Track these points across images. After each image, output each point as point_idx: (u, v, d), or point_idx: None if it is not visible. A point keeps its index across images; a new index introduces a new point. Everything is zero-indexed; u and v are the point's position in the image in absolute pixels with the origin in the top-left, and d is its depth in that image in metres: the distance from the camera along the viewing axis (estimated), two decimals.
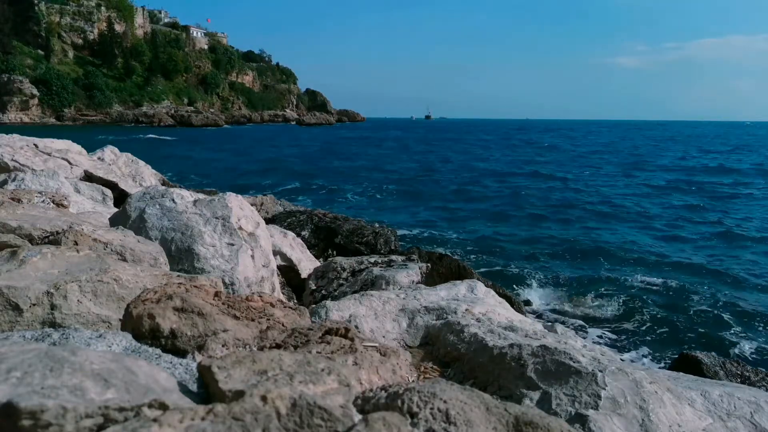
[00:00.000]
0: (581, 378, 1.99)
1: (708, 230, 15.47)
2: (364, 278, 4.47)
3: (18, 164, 5.62)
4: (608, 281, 10.40)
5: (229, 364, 1.08)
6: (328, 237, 7.47)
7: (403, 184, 24.46)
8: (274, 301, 1.80)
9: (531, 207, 18.91)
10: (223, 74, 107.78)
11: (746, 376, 4.56)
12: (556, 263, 11.62)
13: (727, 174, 30.51)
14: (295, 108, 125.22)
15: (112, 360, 1.01)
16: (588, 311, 8.70)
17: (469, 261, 10.86)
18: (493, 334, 2.46)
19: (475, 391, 1.13)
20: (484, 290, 3.36)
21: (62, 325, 1.65)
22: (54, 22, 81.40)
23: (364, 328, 2.65)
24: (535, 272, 10.69)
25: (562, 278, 10.32)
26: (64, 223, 2.60)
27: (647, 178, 28.20)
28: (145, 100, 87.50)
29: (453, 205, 19.16)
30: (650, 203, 20.07)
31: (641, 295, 9.57)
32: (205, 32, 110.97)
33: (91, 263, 1.94)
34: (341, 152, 41.93)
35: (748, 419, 2.07)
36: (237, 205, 3.56)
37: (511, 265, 11.40)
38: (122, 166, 7.81)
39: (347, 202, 19.72)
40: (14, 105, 69.79)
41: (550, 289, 9.66)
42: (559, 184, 25.42)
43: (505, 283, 9.07)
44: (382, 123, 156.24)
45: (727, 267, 11.56)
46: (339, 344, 1.44)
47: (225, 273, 3.13)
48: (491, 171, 30.57)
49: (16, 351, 0.97)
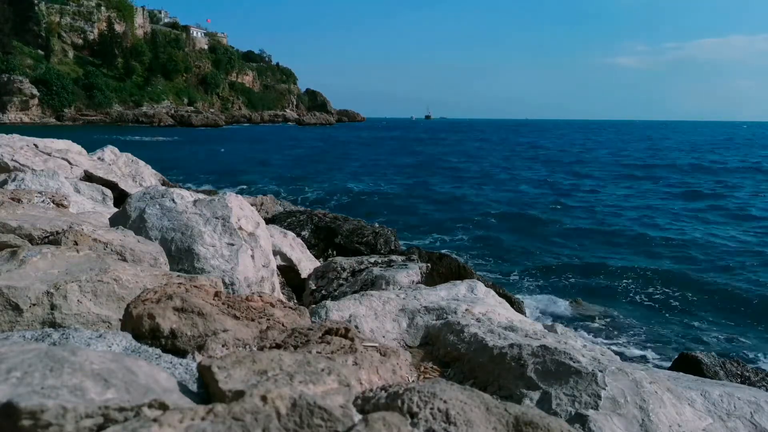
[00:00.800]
0: (581, 378, 1.99)
1: (709, 230, 15.48)
2: (364, 278, 4.47)
3: (18, 164, 5.62)
4: (608, 281, 10.41)
5: (229, 364, 1.08)
6: (328, 237, 7.47)
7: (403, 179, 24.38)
8: (274, 301, 1.80)
9: (531, 208, 18.91)
10: (223, 74, 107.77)
11: (746, 376, 4.56)
12: (556, 263, 11.62)
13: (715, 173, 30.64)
14: (295, 108, 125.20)
15: (112, 360, 1.01)
16: (588, 311, 8.70)
17: (469, 261, 10.86)
18: (493, 334, 2.46)
19: (475, 391, 1.13)
20: (484, 290, 3.36)
21: (62, 325, 1.65)
22: (54, 22, 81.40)
23: (364, 328, 2.65)
24: (536, 272, 10.70)
25: (562, 278, 10.32)
26: (64, 223, 2.60)
27: (643, 180, 28.20)
28: (145, 100, 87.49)
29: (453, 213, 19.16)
30: (652, 203, 20.08)
31: (642, 296, 9.57)
32: (205, 32, 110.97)
33: (91, 263, 1.94)
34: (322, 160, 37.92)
35: (748, 419, 2.07)
36: (237, 205, 3.56)
37: (512, 265, 11.41)
38: (122, 166, 7.81)
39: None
40: (14, 105, 69.78)
41: (551, 289, 9.66)
42: (558, 184, 25.42)
43: (505, 283, 9.08)
44: (382, 123, 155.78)
45: (728, 267, 11.56)
46: (339, 344, 1.44)
47: (225, 273, 3.13)
48: (486, 173, 30.58)
49: (16, 351, 0.97)
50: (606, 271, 11.11)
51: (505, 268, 11.20)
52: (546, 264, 11.47)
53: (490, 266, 11.27)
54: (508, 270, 11.02)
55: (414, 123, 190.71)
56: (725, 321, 8.56)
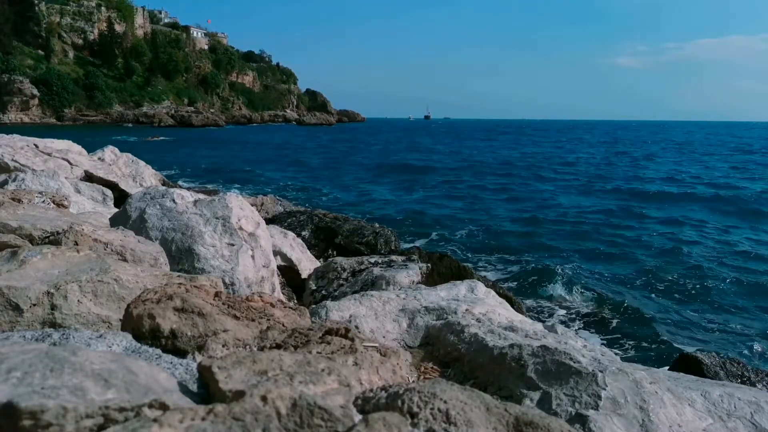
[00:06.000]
0: (581, 378, 1.99)
1: (709, 231, 15.48)
2: (365, 278, 4.47)
3: (18, 164, 5.62)
4: (609, 282, 10.41)
5: (229, 365, 1.08)
6: (328, 237, 7.47)
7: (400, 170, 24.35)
8: (274, 301, 1.80)
9: (531, 208, 18.92)
10: (223, 74, 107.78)
11: (746, 377, 4.55)
12: (556, 264, 11.62)
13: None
14: (295, 108, 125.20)
15: (113, 360, 1.01)
16: (588, 311, 8.70)
17: (469, 261, 10.86)
18: (493, 335, 2.46)
19: (476, 391, 1.13)
20: (485, 290, 3.36)
21: (62, 325, 1.65)
22: (54, 22, 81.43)
23: (365, 328, 2.65)
24: (536, 273, 10.69)
25: (563, 278, 10.31)
26: (64, 224, 2.60)
27: (651, 179, 28.20)
28: (145, 100, 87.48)
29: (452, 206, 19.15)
30: (653, 204, 20.08)
31: (642, 296, 9.57)
32: (205, 32, 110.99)
33: (91, 263, 1.94)
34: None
35: (749, 419, 2.07)
36: (237, 205, 3.57)
37: (512, 265, 11.41)
38: (122, 167, 7.81)
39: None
40: (14, 105, 69.82)
41: (551, 290, 9.66)
42: (559, 185, 25.44)
43: (505, 283, 9.08)
44: (380, 124, 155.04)
45: (728, 268, 11.56)
46: (339, 344, 1.44)
47: (225, 273, 3.13)
48: (491, 169, 30.59)
49: (16, 351, 0.97)
50: (606, 271, 11.11)
51: (505, 268, 11.20)
52: (546, 264, 11.46)
53: (490, 266, 11.27)
54: (509, 270, 11.02)
55: (412, 123, 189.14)
56: (725, 321, 8.56)
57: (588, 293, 9.50)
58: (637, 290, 9.87)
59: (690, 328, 8.31)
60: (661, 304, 9.20)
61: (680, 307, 9.13)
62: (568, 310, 8.76)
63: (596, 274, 10.85)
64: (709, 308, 9.09)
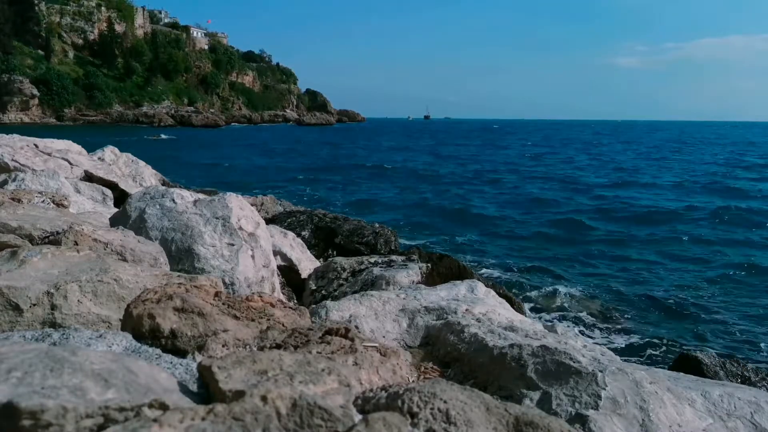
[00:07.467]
0: (581, 378, 1.99)
1: (710, 232, 15.47)
2: (365, 278, 4.46)
3: (18, 164, 5.62)
4: (609, 282, 10.41)
5: (229, 364, 1.08)
6: (328, 237, 7.47)
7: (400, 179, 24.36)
8: (274, 301, 1.80)
9: (531, 208, 18.92)
10: (223, 74, 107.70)
11: (746, 376, 4.55)
12: (556, 263, 11.62)
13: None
14: (295, 108, 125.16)
15: (113, 360, 1.01)
16: (588, 311, 8.70)
17: (469, 262, 10.86)
18: (493, 335, 2.46)
19: (476, 391, 1.13)
20: (485, 290, 3.36)
21: (62, 325, 1.65)
22: (54, 22, 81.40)
23: (365, 328, 2.65)
24: (536, 272, 10.70)
25: (563, 279, 10.31)
26: (64, 223, 2.60)
27: (653, 178, 28.20)
28: (145, 100, 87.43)
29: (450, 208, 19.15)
30: (653, 204, 20.08)
31: (642, 296, 9.57)
32: (205, 32, 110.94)
33: (91, 263, 1.94)
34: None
35: (749, 419, 2.07)
36: (237, 205, 3.56)
37: (512, 265, 11.41)
38: (122, 167, 7.80)
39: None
40: (14, 105, 69.77)
41: (551, 290, 9.66)
42: (557, 184, 25.43)
43: (505, 283, 9.08)
44: (379, 124, 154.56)
45: (728, 268, 11.56)
46: (339, 344, 1.44)
47: (225, 273, 3.13)
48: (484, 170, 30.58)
49: (16, 351, 0.97)
50: (606, 271, 11.11)
51: (506, 268, 11.20)
52: (546, 264, 11.47)
53: (490, 266, 11.27)
54: (509, 270, 11.02)
55: (411, 124, 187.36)
56: (725, 321, 8.56)
57: (588, 293, 9.50)
58: (637, 290, 9.87)
59: (690, 327, 8.31)
60: (661, 304, 9.20)
61: (680, 307, 9.13)
62: (568, 310, 8.76)
63: (596, 275, 10.85)
64: (709, 308, 9.09)
